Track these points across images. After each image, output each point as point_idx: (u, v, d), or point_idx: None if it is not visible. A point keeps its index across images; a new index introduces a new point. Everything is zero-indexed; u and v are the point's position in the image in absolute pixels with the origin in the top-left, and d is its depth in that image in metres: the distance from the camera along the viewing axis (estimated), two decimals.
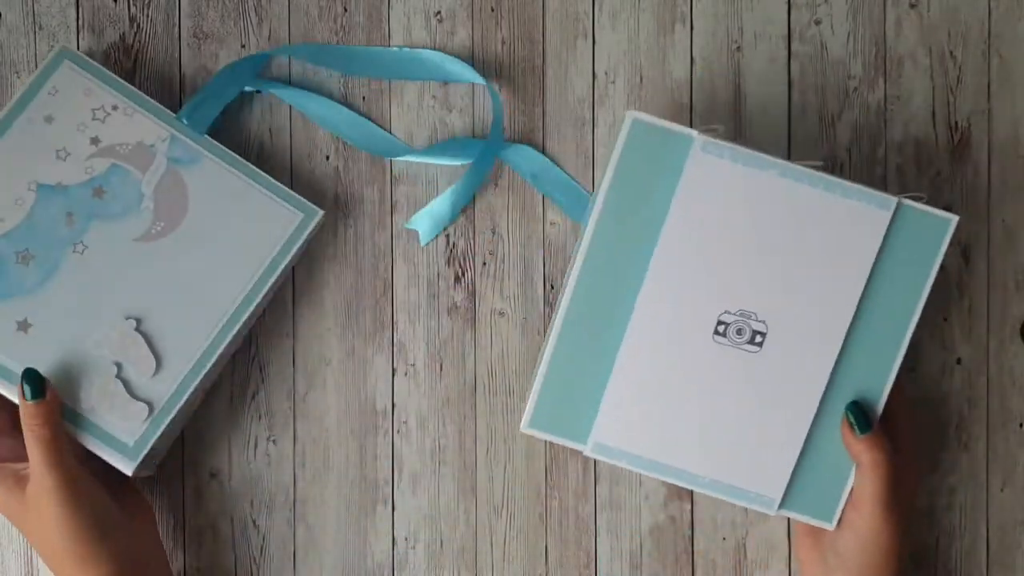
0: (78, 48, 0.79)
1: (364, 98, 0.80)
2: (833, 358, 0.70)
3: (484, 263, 0.80)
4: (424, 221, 0.79)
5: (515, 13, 0.80)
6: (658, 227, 0.70)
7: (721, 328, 0.70)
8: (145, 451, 0.73)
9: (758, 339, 0.70)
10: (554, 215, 0.80)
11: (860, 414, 0.70)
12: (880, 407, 0.70)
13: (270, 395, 0.79)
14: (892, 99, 0.80)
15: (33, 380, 0.69)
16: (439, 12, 0.80)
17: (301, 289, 0.80)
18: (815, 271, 0.69)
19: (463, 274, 0.80)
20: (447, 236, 0.80)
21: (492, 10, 0.80)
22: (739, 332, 0.70)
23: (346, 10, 0.80)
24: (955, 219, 0.69)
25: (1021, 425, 0.80)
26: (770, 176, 0.69)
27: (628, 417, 0.70)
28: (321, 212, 0.76)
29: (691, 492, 0.79)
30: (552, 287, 0.80)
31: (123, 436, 0.73)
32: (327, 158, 0.80)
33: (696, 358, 0.70)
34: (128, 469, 0.73)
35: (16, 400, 0.70)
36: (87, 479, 0.70)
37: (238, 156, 0.76)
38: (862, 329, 0.70)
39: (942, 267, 0.79)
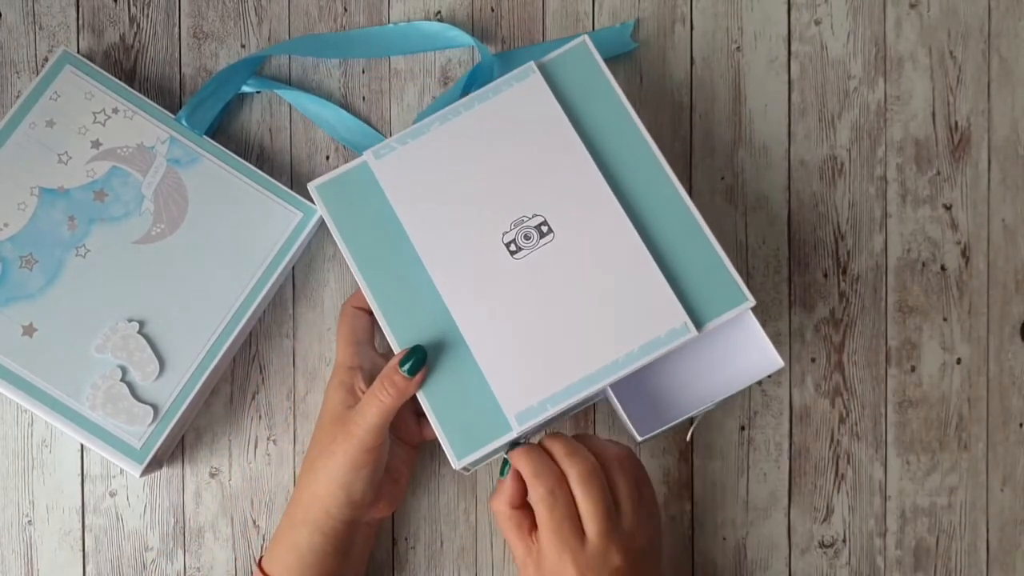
0: (78, 48, 0.79)
1: (364, 98, 0.80)
2: (611, 194, 0.70)
3: None
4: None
5: (515, 13, 0.80)
6: (401, 230, 0.71)
7: (512, 247, 0.70)
8: (152, 454, 0.73)
9: (545, 228, 0.70)
10: None
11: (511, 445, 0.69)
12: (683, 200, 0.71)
13: (270, 395, 0.79)
14: (892, 99, 0.81)
15: (417, 360, 0.68)
16: (439, 12, 0.80)
17: (301, 289, 0.80)
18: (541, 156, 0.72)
19: None
20: None
21: (492, 10, 0.80)
22: (527, 237, 0.70)
23: (346, 10, 0.80)
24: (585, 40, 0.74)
25: (1021, 425, 0.80)
26: (440, 131, 0.72)
27: (518, 375, 0.69)
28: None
29: (691, 492, 0.79)
30: None
31: (130, 439, 0.73)
32: (327, 158, 0.80)
33: (518, 284, 0.70)
34: (136, 471, 0.73)
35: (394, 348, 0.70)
36: (380, 457, 0.70)
37: (237, 156, 0.76)
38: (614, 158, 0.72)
39: (942, 267, 0.79)
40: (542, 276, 0.70)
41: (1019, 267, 0.80)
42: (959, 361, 0.80)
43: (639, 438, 0.69)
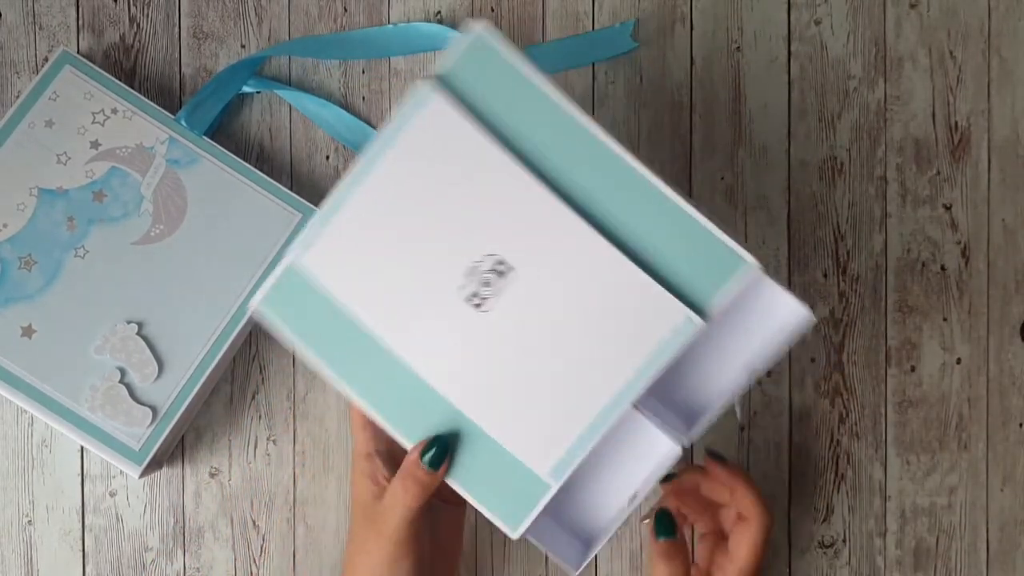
0: (78, 48, 0.79)
1: (364, 98, 0.80)
2: (562, 204, 0.62)
3: None
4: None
5: (515, 13, 0.80)
6: (359, 322, 0.64)
7: (475, 300, 0.62)
8: (150, 455, 0.73)
9: (502, 267, 0.62)
10: None
11: (662, 518, 0.69)
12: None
13: (270, 395, 0.79)
14: (892, 99, 0.80)
15: (438, 452, 0.62)
16: (439, 12, 0.80)
17: None
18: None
19: None
20: None
21: (492, 10, 0.80)
22: (486, 284, 0.62)
23: (346, 10, 0.80)
24: None
25: (1021, 425, 0.80)
26: (357, 198, 0.64)
27: (536, 431, 0.63)
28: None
29: None
30: None
31: (128, 441, 0.73)
32: (327, 158, 0.80)
33: (496, 339, 0.63)
34: (135, 472, 0.73)
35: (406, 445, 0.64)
36: (419, 547, 0.66)
37: (236, 157, 0.77)
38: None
39: (942, 267, 0.79)
40: (518, 320, 0.63)
41: (1019, 267, 0.80)
42: (959, 361, 0.80)
43: (686, 443, 0.64)
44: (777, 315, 0.65)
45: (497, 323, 0.63)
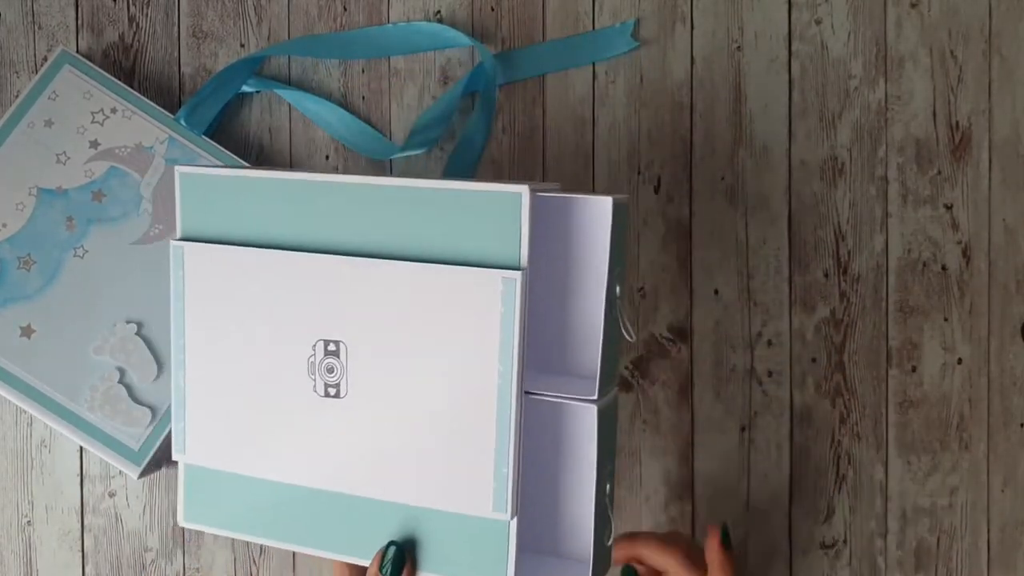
0: (77, 48, 0.79)
1: (364, 98, 0.80)
2: (346, 260, 0.61)
3: None
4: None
5: (515, 13, 0.80)
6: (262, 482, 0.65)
7: (331, 391, 0.62)
8: (150, 456, 0.73)
9: (333, 347, 0.62)
10: None
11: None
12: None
13: None
14: (893, 99, 0.80)
15: (395, 558, 0.61)
16: (439, 11, 0.80)
17: None
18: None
19: None
20: None
21: (492, 9, 0.80)
22: (330, 370, 0.62)
23: (346, 9, 0.80)
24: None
25: (1022, 425, 0.80)
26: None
27: (466, 485, 0.61)
28: None
29: (692, 493, 0.79)
30: None
31: (128, 441, 0.73)
32: (327, 158, 0.80)
33: (372, 415, 0.62)
34: (134, 473, 0.73)
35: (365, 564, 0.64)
36: None
37: (235, 156, 0.76)
38: None
39: (943, 267, 0.79)
40: (378, 380, 0.62)
41: (1020, 267, 0.80)
42: (960, 361, 0.80)
43: (598, 398, 0.61)
44: (590, 220, 0.63)
45: (363, 397, 0.62)
